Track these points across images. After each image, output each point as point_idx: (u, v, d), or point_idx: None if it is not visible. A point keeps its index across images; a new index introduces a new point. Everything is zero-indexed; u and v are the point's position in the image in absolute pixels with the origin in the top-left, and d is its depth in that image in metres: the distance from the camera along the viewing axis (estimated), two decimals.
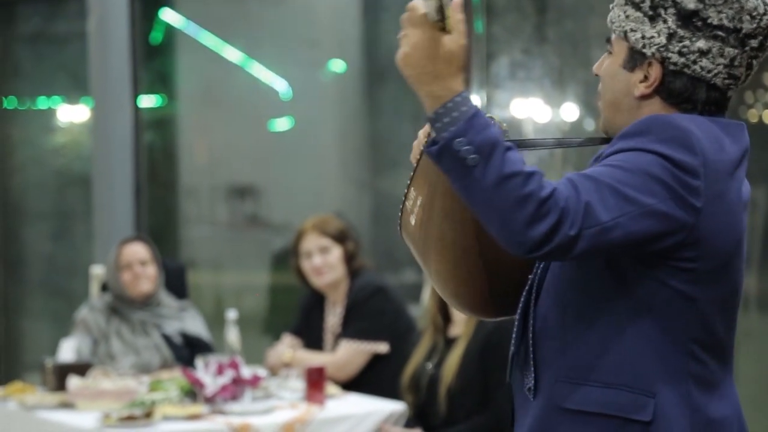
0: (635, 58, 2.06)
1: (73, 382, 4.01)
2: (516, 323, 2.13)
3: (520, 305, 2.11)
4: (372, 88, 6.79)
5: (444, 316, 4.10)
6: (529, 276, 2.13)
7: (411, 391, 4.07)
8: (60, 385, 4.10)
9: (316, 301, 4.62)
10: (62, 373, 4.12)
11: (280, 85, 6.82)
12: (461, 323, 4.05)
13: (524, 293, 2.11)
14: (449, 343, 4.06)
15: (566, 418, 2.03)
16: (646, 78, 2.06)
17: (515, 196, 1.88)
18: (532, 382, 2.07)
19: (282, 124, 6.88)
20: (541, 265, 2.11)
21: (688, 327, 2.01)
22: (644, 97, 2.08)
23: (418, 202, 2.10)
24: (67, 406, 4.00)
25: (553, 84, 1.83)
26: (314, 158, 6.86)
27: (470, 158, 1.88)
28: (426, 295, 4.63)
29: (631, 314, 2.00)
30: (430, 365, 4.05)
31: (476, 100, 5.43)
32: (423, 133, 2.14)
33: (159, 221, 6.58)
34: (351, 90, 6.79)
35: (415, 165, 2.11)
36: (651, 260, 1.98)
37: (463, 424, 3.93)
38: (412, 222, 2.12)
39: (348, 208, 6.51)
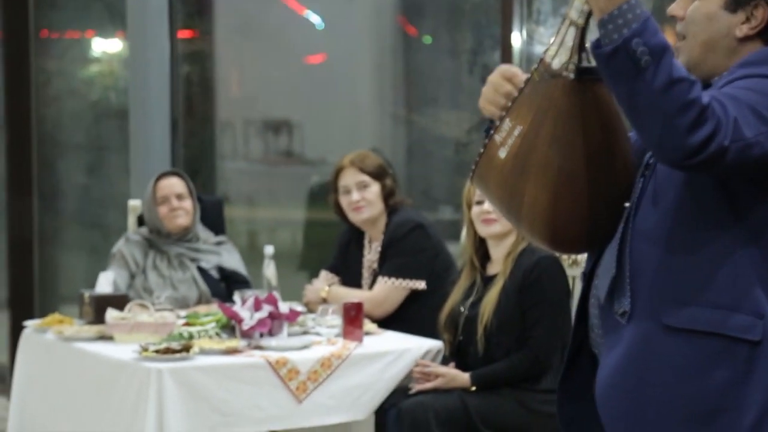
0: (739, 0, 2.12)
1: (111, 314, 4.00)
2: (608, 252, 2.15)
3: (619, 232, 2.13)
4: (409, 22, 6.71)
5: (481, 254, 4.08)
6: (626, 205, 2.15)
7: (448, 330, 4.05)
8: (98, 318, 4.09)
9: (353, 238, 4.60)
10: (100, 305, 4.11)
11: (315, 18, 6.76)
12: (499, 262, 4.02)
13: (622, 222, 2.13)
14: (487, 281, 4.03)
15: (671, 337, 2.07)
16: (748, 20, 2.12)
17: (681, 101, 1.92)
18: (628, 306, 2.09)
19: (317, 58, 6.83)
20: (637, 194, 2.13)
21: None
22: (745, 39, 2.13)
23: (516, 132, 2.13)
24: (104, 338, 4.00)
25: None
26: (349, 93, 6.81)
27: (644, 59, 1.93)
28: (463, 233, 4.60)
29: (740, 239, 2.05)
30: (467, 304, 4.03)
31: (517, 36, 5.35)
32: (497, 74, 2.17)
33: (195, 155, 6.56)
34: (387, 24, 6.72)
35: (515, 96, 2.14)
36: (762, 187, 2.04)
37: (501, 362, 3.92)
38: (502, 155, 2.15)
39: (383, 143, 6.46)
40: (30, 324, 4.23)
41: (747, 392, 2.03)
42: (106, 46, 7.11)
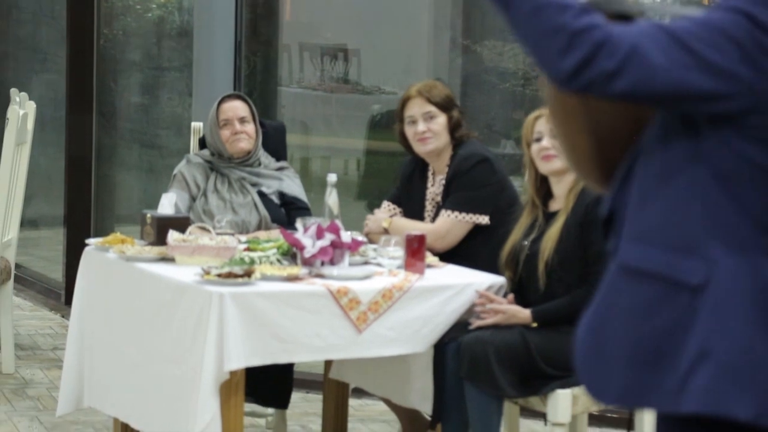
0: None
1: (173, 236, 3.98)
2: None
3: (624, 169, 2.12)
4: None
5: (543, 192, 4.03)
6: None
7: (509, 267, 4.02)
8: (159, 239, 4.07)
9: (417, 169, 4.53)
10: (162, 226, 4.08)
11: None
12: (561, 198, 3.98)
13: (631, 160, 2.12)
14: (549, 218, 3.99)
15: (626, 277, 2.05)
16: None
17: (547, 27, 1.92)
18: (615, 242, 2.11)
19: None
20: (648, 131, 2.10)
21: (764, 199, 1.98)
22: None
23: None
24: (165, 259, 3.98)
25: None
26: (408, 20, 6.72)
27: None
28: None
29: (703, 178, 2.00)
30: (528, 240, 3.99)
31: None
32: None
33: (256, 79, 6.51)
34: None
35: None
36: (721, 124, 1.96)
37: (562, 298, 3.88)
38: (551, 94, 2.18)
39: (441, 73, 6.38)
40: (92, 242, 4.22)
41: (685, 339, 1.99)
42: None
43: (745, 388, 1.96)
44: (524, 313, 3.88)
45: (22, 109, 5.40)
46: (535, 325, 3.88)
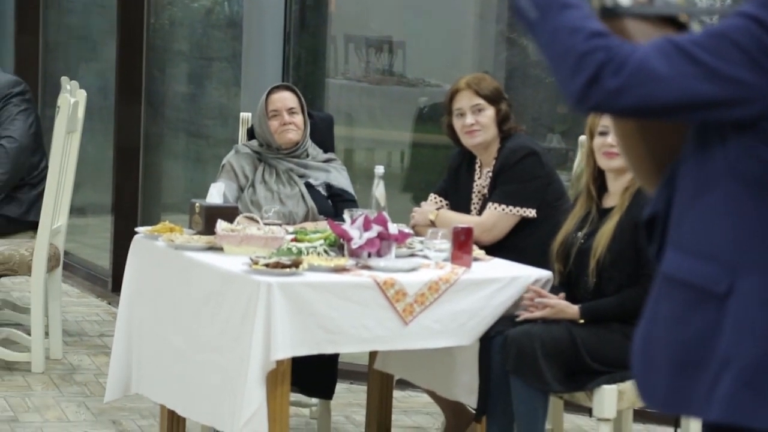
0: None
1: (221, 225, 4.00)
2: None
3: (666, 175, 2.12)
4: None
5: (599, 185, 4.01)
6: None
7: (560, 260, 4.01)
8: (207, 228, 4.09)
9: (464, 162, 4.54)
10: (211, 215, 4.10)
11: None
12: (617, 195, 3.97)
13: (671, 165, 2.13)
14: (603, 214, 3.98)
15: (667, 285, 2.07)
16: None
17: (560, 51, 1.97)
18: (654, 248, 2.13)
19: None
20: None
21: None
22: None
23: None
24: (213, 248, 4.00)
25: None
26: (452, 13, 6.71)
27: (532, 15, 1.99)
28: (576, 163, 4.54)
29: (733, 188, 2.00)
30: (581, 235, 3.98)
31: None
32: None
33: (303, 71, 6.52)
34: None
35: None
36: (744, 132, 1.97)
37: (612, 297, 3.87)
38: None
39: (486, 66, 6.37)
40: (141, 230, 4.25)
41: (714, 347, 2.00)
42: None
43: (764, 398, 1.96)
44: (572, 309, 3.88)
45: (73, 97, 5.45)
46: (582, 321, 3.87)
